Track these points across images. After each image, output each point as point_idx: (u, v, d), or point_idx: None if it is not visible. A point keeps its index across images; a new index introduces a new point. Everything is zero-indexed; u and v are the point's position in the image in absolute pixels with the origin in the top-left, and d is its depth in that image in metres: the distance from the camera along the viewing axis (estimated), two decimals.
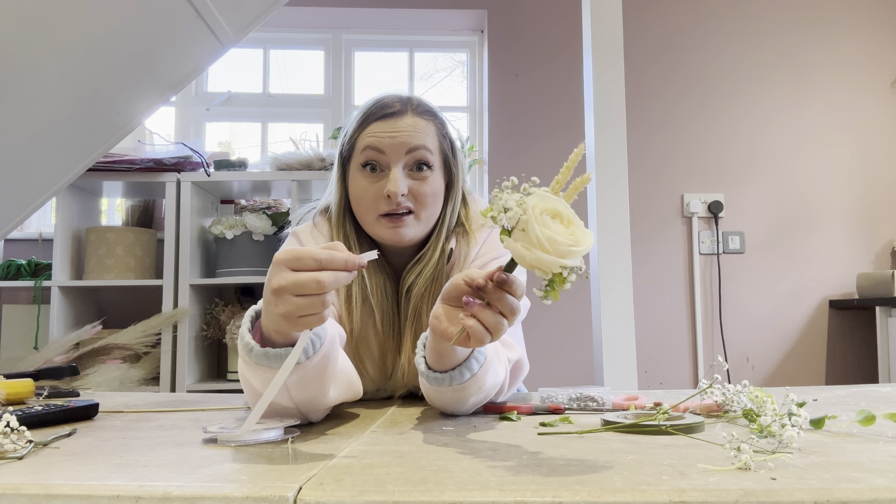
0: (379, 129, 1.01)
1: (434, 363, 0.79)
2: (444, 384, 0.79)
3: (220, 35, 1.34)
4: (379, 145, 1.00)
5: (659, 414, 0.73)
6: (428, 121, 1.04)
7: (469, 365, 0.78)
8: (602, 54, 1.87)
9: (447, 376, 0.78)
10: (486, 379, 0.81)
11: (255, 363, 0.70)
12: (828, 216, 2.98)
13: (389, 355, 1.05)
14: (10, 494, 0.52)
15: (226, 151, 3.00)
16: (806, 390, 1.10)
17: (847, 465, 0.56)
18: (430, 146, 1.02)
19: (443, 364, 0.78)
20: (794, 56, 3.04)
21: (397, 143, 1.00)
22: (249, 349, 0.70)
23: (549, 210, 0.62)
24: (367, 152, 1.01)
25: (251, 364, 0.71)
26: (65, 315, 2.38)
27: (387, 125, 1.01)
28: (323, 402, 0.79)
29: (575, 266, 0.62)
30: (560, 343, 2.83)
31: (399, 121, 1.02)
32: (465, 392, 0.80)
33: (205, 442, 0.71)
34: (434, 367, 0.79)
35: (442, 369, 0.79)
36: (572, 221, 0.63)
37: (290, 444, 0.69)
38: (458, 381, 0.78)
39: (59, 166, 1.36)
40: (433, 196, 1.03)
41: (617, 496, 0.49)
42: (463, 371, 0.78)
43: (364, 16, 3.08)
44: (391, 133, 1.00)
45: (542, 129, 2.95)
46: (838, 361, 2.94)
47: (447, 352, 0.77)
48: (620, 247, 1.80)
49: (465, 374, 0.78)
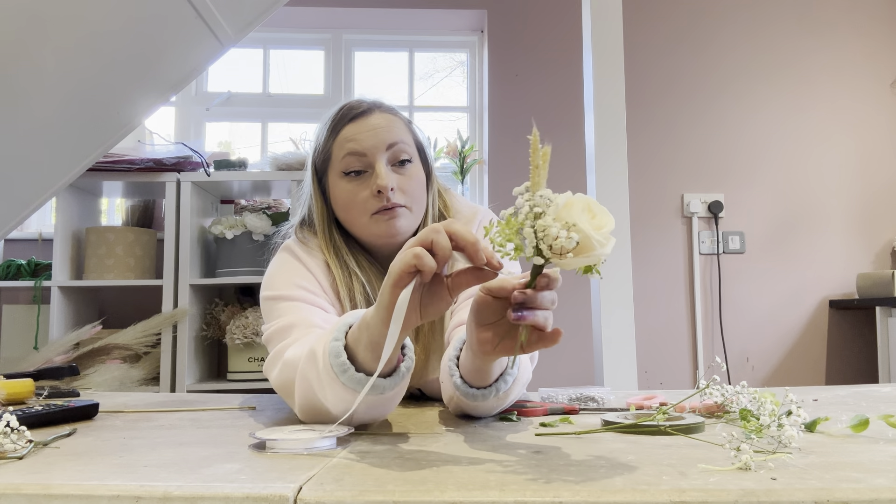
0: (353, 132, 1.01)
1: (476, 381, 0.78)
2: (491, 396, 0.78)
3: (220, 35, 1.34)
4: (359, 148, 1.00)
5: (659, 414, 0.73)
6: (396, 116, 1.05)
7: (510, 371, 0.79)
8: (602, 55, 1.87)
9: (493, 388, 0.78)
10: (522, 376, 0.82)
11: (342, 383, 0.69)
12: (828, 216, 2.98)
13: None
14: (10, 494, 0.52)
15: (226, 151, 3.00)
16: (806, 390, 1.10)
17: (847, 465, 0.56)
18: (405, 140, 1.03)
19: (486, 379, 0.78)
20: (794, 56, 3.04)
21: (377, 140, 1.00)
22: (344, 369, 0.69)
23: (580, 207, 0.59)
24: (348, 159, 1.01)
25: (337, 382, 0.69)
26: (65, 315, 2.38)
27: (360, 125, 1.01)
28: (382, 418, 0.81)
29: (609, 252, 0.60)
30: (560, 343, 2.82)
31: (370, 118, 1.02)
32: (508, 396, 0.81)
33: (252, 447, 0.68)
34: (476, 383, 0.79)
35: (485, 384, 0.78)
36: (603, 211, 0.61)
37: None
38: (503, 390, 0.78)
39: (58, 166, 1.36)
40: (420, 187, 1.04)
41: (617, 496, 0.49)
42: (507, 378, 0.78)
43: (364, 16, 3.08)
44: (367, 131, 1.01)
45: (543, 130, 2.93)
46: (838, 361, 2.94)
47: (490, 367, 0.76)
48: (620, 247, 1.80)
49: (508, 380, 0.78)
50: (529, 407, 0.89)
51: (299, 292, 0.97)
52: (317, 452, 0.64)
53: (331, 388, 0.71)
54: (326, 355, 0.70)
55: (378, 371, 0.65)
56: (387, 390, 0.70)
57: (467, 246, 0.63)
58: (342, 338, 0.71)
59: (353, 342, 0.70)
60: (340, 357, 0.69)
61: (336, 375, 0.69)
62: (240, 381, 2.35)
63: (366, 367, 0.70)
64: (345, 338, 0.71)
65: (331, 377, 0.70)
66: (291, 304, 0.95)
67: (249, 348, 2.35)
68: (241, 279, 2.39)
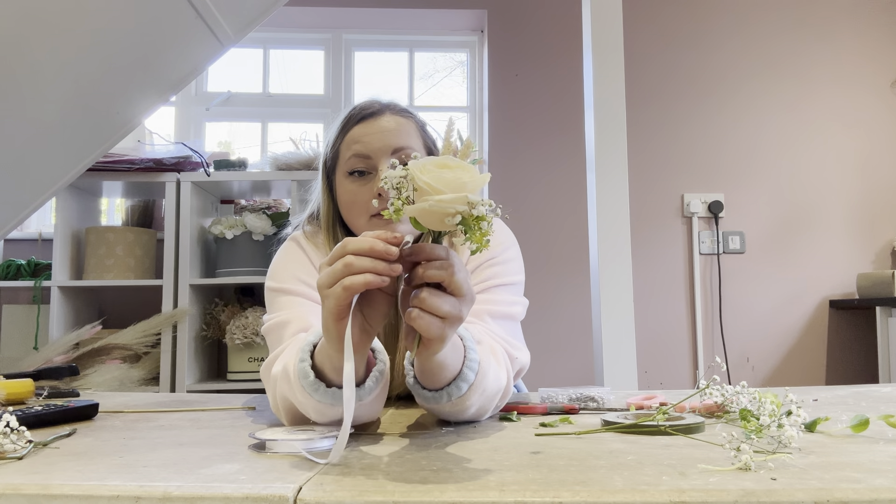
0: (361, 132, 1.01)
1: (427, 382, 0.75)
2: (443, 401, 0.74)
3: (220, 35, 1.34)
4: (364, 151, 1.00)
5: (659, 414, 0.73)
6: (408, 118, 1.05)
7: (464, 376, 0.73)
8: (602, 54, 1.87)
9: (444, 393, 0.74)
10: (485, 385, 0.76)
11: (317, 400, 0.71)
12: (828, 216, 2.98)
13: (388, 355, 1.05)
14: (10, 494, 0.52)
15: (226, 151, 3.00)
16: (806, 390, 1.10)
17: (847, 465, 0.56)
18: (413, 145, 1.02)
19: (436, 381, 0.73)
20: (794, 56, 3.04)
21: (383, 144, 1.00)
22: (315, 388, 0.70)
23: (434, 163, 0.61)
24: (353, 161, 1.01)
25: (312, 400, 0.71)
26: (65, 315, 2.38)
27: (368, 126, 1.01)
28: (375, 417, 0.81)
29: (480, 200, 0.60)
30: (560, 343, 2.83)
31: (379, 120, 1.02)
32: (465, 403, 0.75)
33: (252, 448, 0.69)
34: (427, 385, 0.75)
35: (436, 387, 0.74)
36: (459, 164, 0.62)
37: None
38: (456, 395, 0.74)
39: (58, 166, 1.36)
40: None
41: (617, 496, 0.49)
42: (459, 384, 0.73)
43: (364, 16, 3.08)
44: (375, 133, 1.00)
45: (542, 129, 2.95)
46: (838, 361, 2.94)
47: (436, 368, 0.71)
48: (620, 247, 1.80)
49: (462, 387, 0.73)
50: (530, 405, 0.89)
51: (301, 287, 0.98)
52: (316, 452, 0.64)
53: (310, 404, 0.72)
54: (297, 377, 0.72)
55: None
56: (365, 397, 0.72)
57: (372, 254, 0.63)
58: (307, 358, 0.72)
59: (320, 362, 0.72)
60: (309, 377, 0.71)
61: (310, 395, 0.71)
62: (240, 382, 2.35)
63: (338, 381, 0.71)
64: (311, 357, 0.72)
65: (305, 396, 0.71)
66: (291, 300, 0.97)
67: (249, 348, 2.35)
68: (241, 279, 2.39)
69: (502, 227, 1.10)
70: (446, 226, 0.61)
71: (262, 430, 0.73)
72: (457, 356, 0.73)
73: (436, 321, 0.62)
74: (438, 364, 0.70)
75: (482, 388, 0.76)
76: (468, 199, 0.59)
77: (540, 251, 2.83)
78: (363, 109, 1.04)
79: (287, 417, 0.80)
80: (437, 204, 0.59)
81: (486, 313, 0.94)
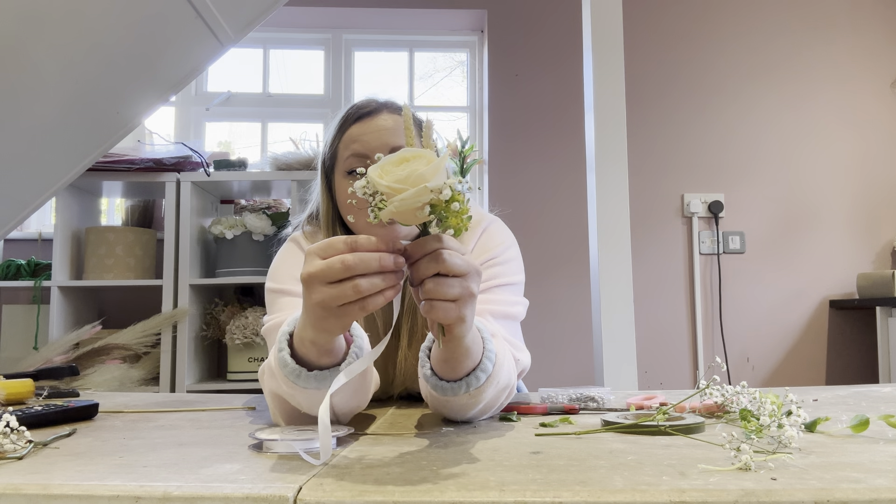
0: (359, 132, 1.01)
1: (446, 373, 0.75)
2: (461, 391, 0.75)
3: (220, 35, 1.34)
4: (361, 150, 1.00)
5: (659, 414, 0.73)
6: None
7: (483, 366, 0.75)
8: (602, 54, 1.87)
9: (463, 383, 0.75)
10: (499, 377, 0.78)
11: (302, 387, 0.70)
12: (828, 216, 2.98)
13: (389, 354, 1.05)
14: (10, 494, 0.52)
15: (226, 151, 3.00)
16: (806, 390, 1.10)
17: (847, 465, 0.56)
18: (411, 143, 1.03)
19: (456, 372, 0.74)
20: (794, 56, 3.04)
21: (380, 143, 1.00)
22: (297, 374, 0.70)
23: (392, 162, 0.62)
24: (351, 160, 1.01)
25: (297, 388, 0.71)
26: (64, 315, 2.38)
27: (366, 126, 1.02)
28: (363, 406, 0.81)
29: (443, 185, 0.59)
30: (560, 343, 2.83)
31: (376, 119, 1.02)
32: (480, 395, 0.76)
33: (252, 448, 0.69)
34: (446, 376, 0.76)
35: (455, 377, 0.75)
36: (415, 155, 0.62)
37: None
38: (475, 386, 0.74)
39: (58, 166, 1.36)
40: None
41: (617, 496, 0.49)
42: (478, 374, 0.74)
43: (364, 16, 3.08)
44: (372, 132, 1.01)
45: (542, 129, 2.95)
46: (838, 361, 2.94)
47: (461, 356, 0.72)
48: (620, 247, 1.80)
49: (480, 377, 0.74)
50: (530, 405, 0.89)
51: (299, 288, 0.97)
52: (314, 452, 0.64)
53: (296, 393, 0.72)
54: (278, 368, 0.72)
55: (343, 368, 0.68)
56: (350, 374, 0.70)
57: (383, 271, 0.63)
58: (286, 347, 0.72)
59: (300, 348, 0.71)
60: (289, 366, 0.71)
61: (293, 382, 0.71)
62: (240, 382, 2.35)
63: (318, 364, 0.71)
64: (289, 346, 0.72)
65: (290, 385, 0.71)
66: (291, 300, 0.97)
67: (249, 348, 2.35)
68: (241, 279, 2.39)
69: (502, 227, 1.10)
70: (421, 218, 0.61)
71: (262, 429, 0.73)
72: (478, 345, 0.75)
73: (450, 305, 0.64)
74: (465, 350, 0.72)
75: (497, 380, 0.78)
76: (428, 188, 0.59)
77: (540, 251, 2.83)
78: (360, 108, 1.04)
79: (282, 416, 0.79)
80: (401, 204, 0.59)
81: (488, 313, 0.94)
